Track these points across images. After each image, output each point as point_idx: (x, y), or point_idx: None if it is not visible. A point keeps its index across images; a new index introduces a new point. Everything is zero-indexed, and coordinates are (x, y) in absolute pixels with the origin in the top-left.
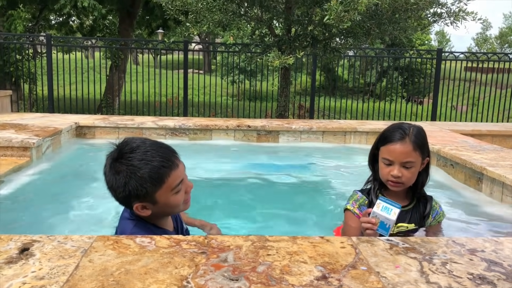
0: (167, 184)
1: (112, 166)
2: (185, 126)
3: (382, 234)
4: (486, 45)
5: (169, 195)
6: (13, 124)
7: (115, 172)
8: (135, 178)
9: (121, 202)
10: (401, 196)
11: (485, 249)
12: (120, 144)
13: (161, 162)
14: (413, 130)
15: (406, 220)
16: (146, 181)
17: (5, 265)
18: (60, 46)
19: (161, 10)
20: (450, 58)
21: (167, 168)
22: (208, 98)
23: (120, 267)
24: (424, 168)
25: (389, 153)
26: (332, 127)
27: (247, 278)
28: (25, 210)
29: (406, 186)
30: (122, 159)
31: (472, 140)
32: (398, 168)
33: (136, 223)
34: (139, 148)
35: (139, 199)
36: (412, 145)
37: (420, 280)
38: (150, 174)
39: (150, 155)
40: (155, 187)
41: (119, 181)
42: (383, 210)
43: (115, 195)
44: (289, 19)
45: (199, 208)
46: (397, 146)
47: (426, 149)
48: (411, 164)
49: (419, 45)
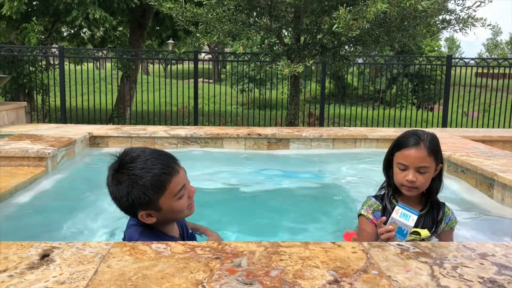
0: (169, 190)
1: (114, 177)
2: (197, 135)
3: (399, 239)
4: (497, 50)
5: (172, 201)
6: (29, 135)
7: (117, 183)
8: (137, 187)
9: (126, 211)
10: (414, 201)
11: (495, 254)
12: (120, 155)
13: (162, 169)
14: (428, 137)
15: (420, 225)
16: (148, 189)
17: (27, 270)
18: (72, 57)
19: (171, 21)
20: (460, 64)
21: (168, 174)
22: (218, 107)
23: (137, 272)
24: (437, 174)
25: (405, 158)
26: (342, 135)
27: (261, 282)
28: (43, 218)
29: (420, 191)
30: (123, 169)
31: (483, 146)
32: (413, 173)
33: (142, 230)
34: (139, 157)
35: (143, 207)
36: (426, 150)
37: (431, 284)
38: (151, 182)
39: (151, 163)
40: (158, 194)
41: (122, 191)
42: (401, 216)
43: (119, 205)
44: (298, 28)
45: (211, 216)
46: (412, 151)
47: (440, 155)
48: (425, 169)
49: (428, 52)
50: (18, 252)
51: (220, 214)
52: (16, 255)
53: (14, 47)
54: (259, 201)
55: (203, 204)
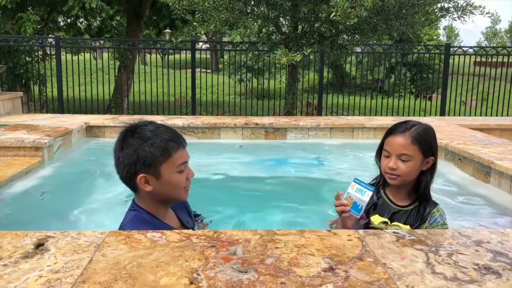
0: (173, 158)
1: (125, 136)
2: (194, 125)
3: (354, 215)
4: (496, 39)
5: (172, 171)
6: (25, 125)
7: (128, 141)
8: (147, 145)
9: (126, 174)
10: (402, 195)
11: (491, 240)
12: (133, 122)
13: (171, 136)
14: (418, 127)
15: (402, 220)
16: (156, 149)
17: (21, 259)
18: (68, 47)
19: (168, 10)
20: (458, 53)
21: (175, 143)
22: (216, 97)
23: (132, 261)
24: (429, 168)
25: (388, 144)
26: (340, 124)
27: (256, 270)
28: (38, 207)
29: (403, 181)
30: (136, 129)
31: (481, 134)
32: (395, 160)
33: (135, 215)
34: (151, 124)
35: (145, 169)
36: (411, 138)
37: (426, 271)
38: (160, 144)
39: (161, 130)
40: (163, 158)
41: (131, 148)
42: (357, 191)
43: (122, 166)
44: (296, 16)
45: (208, 205)
46: (396, 138)
47: (431, 148)
48: (407, 157)
49: (427, 41)
50: (13, 242)
51: (216, 203)
52: (10, 245)
53: (10, 37)
54: (255, 190)
55: (200, 193)
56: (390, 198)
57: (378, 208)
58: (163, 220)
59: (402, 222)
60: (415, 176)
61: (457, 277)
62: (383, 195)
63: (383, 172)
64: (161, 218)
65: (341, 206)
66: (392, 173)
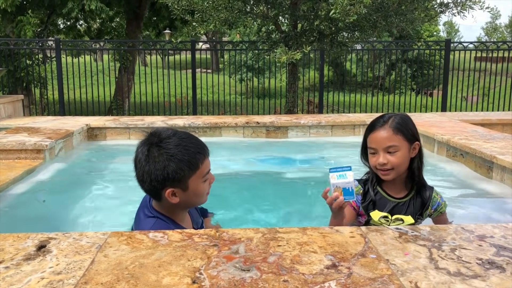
0: (200, 170)
1: (150, 150)
2: (195, 125)
3: (351, 199)
4: (496, 34)
5: (199, 182)
6: (26, 128)
7: (154, 156)
8: (175, 161)
9: (152, 188)
10: (398, 187)
11: (494, 235)
12: (154, 132)
13: (197, 149)
14: (395, 118)
15: (402, 212)
16: (185, 165)
17: (23, 261)
18: (69, 50)
19: (168, 10)
20: (459, 49)
21: (202, 154)
22: (217, 97)
23: (135, 261)
24: (417, 154)
25: (372, 141)
26: (341, 121)
27: (258, 268)
28: (40, 210)
29: (398, 172)
30: (161, 143)
31: (482, 130)
32: (383, 155)
33: (156, 221)
34: (175, 135)
35: (174, 184)
36: (392, 129)
37: (429, 266)
38: (189, 159)
39: (186, 141)
40: (191, 172)
41: (159, 164)
42: (339, 178)
43: (148, 181)
44: (295, 14)
45: (210, 205)
46: (378, 133)
47: (413, 134)
48: (394, 148)
49: (427, 37)
50: (15, 244)
51: (218, 202)
52: (12, 247)
53: (10, 41)
54: (257, 189)
55: None
56: (388, 192)
57: (378, 204)
58: (181, 224)
59: (403, 214)
60: (407, 165)
61: (461, 272)
62: (380, 191)
63: (375, 170)
64: (179, 221)
65: (336, 201)
66: (384, 168)
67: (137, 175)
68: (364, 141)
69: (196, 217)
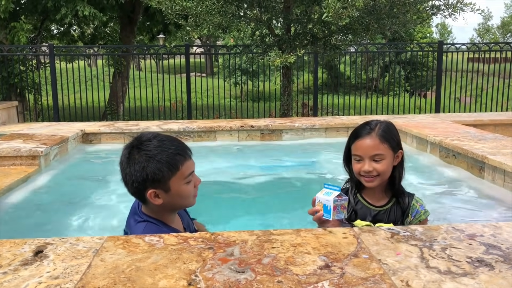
0: (181, 171)
1: (131, 153)
2: (189, 129)
3: (326, 218)
4: (489, 35)
5: (181, 183)
6: (21, 134)
7: (134, 158)
8: (153, 162)
9: (135, 190)
10: (378, 195)
11: (484, 234)
12: (137, 136)
13: (177, 150)
14: (381, 125)
15: (384, 220)
16: (163, 165)
17: (21, 267)
18: (63, 55)
19: (162, 15)
20: (451, 50)
21: (182, 156)
22: (211, 101)
23: (131, 265)
24: (399, 162)
25: (357, 149)
26: (334, 124)
27: (253, 270)
28: (37, 215)
29: (383, 179)
30: (141, 146)
31: (474, 130)
32: (369, 162)
33: (146, 225)
34: (156, 138)
35: (154, 185)
36: (378, 138)
37: (420, 266)
38: (167, 160)
39: (167, 143)
40: (171, 173)
41: (138, 165)
42: (325, 194)
43: (130, 183)
44: (288, 18)
45: (206, 208)
46: (364, 141)
47: (397, 142)
48: (380, 156)
49: (420, 39)
50: (12, 250)
51: (214, 207)
52: (9, 252)
53: (4, 47)
54: (252, 192)
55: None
56: (368, 201)
57: (359, 213)
58: (171, 225)
59: (385, 222)
60: (390, 172)
61: (451, 271)
62: (361, 199)
63: (358, 177)
64: (169, 223)
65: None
66: (369, 175)
67: (122, 178)
68: (348, 148)
69: (187, 219)
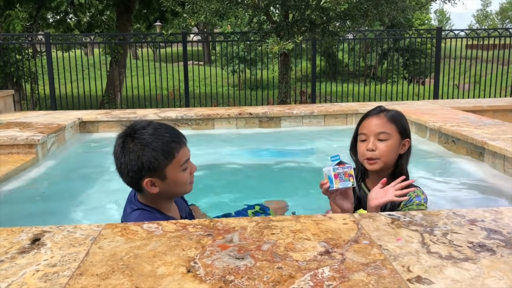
0: (177, 159)
1: (125, 142)
2: (187, 117)
3: (330, 187)
4: (487, 21)
5: (177, 171)
6: (17, 123)
7: (129, 147)
8: (149, 150)
9: (130, 179)
10: None
11: (485, 219)
12: (130, 124)
13: (172, 137)
14: (391, 110)
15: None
16: (159, 154)
17: (18, 255)
18: (59, 44)
19: (158, 2)
20: (450, 37)
21: (177, 143)
22: (209, 89)
23: (129, 252)
24: (406, 152)
25: (364, 127)
26: (333, 110)
27: (253, 256)
28: (34, 204)
29: (385, 163)
30: (135, 134)
31: (473, 116)
32: (373, 141)
33: (140, 213)
34: (150, 126)
35: (150, 174)
36: (386, 118)
37: (421, 251)
38: (162, 147)
39: (161, 131)
40: (167, 161)
41: (133, 154)
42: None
43: (126, 172)
44: (286, 4)
45: (205, 196)
46: (372, 119)
47: (405, 129)
48: (385, 135)
49: (419, 25)
50: (9, 238)
51: (211, 192)
52: (6, 241)
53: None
54: (251, 179)
55: (196, 182)
56: (371, 189)
57: (362, 201)
58: (168, 214)
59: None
60: (394, 159)
61: (452, 256)
62: (364, 188)
63: (362, 159)
64: (165, 211)
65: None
66: (371, 156)
67: (116, 168)
68: (356, 130)
69: (184, 206)
